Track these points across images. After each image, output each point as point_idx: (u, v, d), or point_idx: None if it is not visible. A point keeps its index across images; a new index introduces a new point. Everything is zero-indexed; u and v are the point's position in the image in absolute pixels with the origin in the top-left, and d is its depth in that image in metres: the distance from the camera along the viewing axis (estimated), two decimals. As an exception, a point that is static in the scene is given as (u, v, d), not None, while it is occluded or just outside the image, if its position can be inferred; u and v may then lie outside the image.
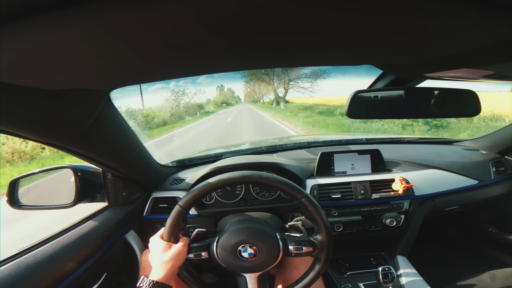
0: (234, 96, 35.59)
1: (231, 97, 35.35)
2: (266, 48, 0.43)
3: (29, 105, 0.49)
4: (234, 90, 37.21)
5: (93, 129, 0.66)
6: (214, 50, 0.41)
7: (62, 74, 0.43)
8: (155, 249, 0.71)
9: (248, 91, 29.39)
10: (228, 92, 36.30)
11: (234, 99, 34.26)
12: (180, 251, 0.71)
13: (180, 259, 0.70)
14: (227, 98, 34.89)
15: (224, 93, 35.47)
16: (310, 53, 0.49)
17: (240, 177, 0.72)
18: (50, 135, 0.60)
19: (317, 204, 0.72)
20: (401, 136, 1.65)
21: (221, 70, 0.54)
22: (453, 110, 0.86)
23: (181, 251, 0.71)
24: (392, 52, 0.51)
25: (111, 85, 0.59)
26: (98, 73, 0.46)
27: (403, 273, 1.13)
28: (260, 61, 0.53)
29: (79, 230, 0.86)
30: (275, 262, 0.72)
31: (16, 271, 0.63)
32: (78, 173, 0.96)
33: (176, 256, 0.69)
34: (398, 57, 0.56)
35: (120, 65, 0.44)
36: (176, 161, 1.39)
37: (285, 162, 1.19)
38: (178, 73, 0.55)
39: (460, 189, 1.24)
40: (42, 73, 0.41)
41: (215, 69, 0.54)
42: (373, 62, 0.60)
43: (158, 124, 13.27)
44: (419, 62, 0.58)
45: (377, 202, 1.14)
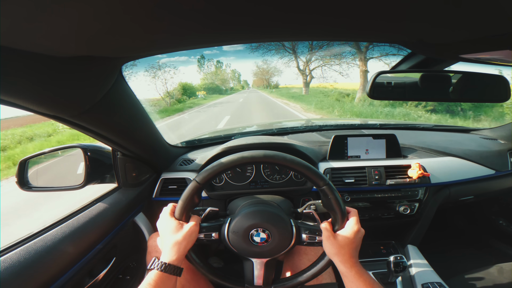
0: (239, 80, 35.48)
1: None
2: (293, 19, 0.40)
3: (35, 73, 0.46)
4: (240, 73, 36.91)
5: (103, 103, 0.64)
6: (236, 17, 0.38)
7: (71, 38, 0.40)
8: (166, 228, 0.67)
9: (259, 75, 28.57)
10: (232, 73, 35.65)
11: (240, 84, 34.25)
12: (192, 230, 0.67)
13: (192, 240, 0.67)
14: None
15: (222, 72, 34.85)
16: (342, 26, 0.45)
17: (263, 156, 0.68)
18: (58, 108, 0.57)
19: (338, 193, 0.69)
20: (416, 123, 1.60)
21: (244, 40, 0.50)
22: (480, 94, 0.84)
23: (194, 230, 0.67)
24: (430, 28, 0.47)
25: (123, 54, 0.55)
26: (108, 38, 0.43)
27: (414, 263, 1.12)
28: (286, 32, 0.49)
29: (88, 213, 0.84)
30: (285, 249, 0.69)
31: (25, 257, 0.61)
32: (88, 152, 0.94)
33: (188, 236, 0.66)
34: (435, 35, 0.52)
35: (132, 30, 0.41)
36: (186, 141, 1.37)
37: (298, 144, 1.16)
38: (192, 43, 0.52)
39: (477, 178, 1.20)
40: (48, 35, 0.38)
41: (236, 39, 0.50)
42: (408, 38, 0.56)
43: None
44: (456, 41, 0.54)
45: (391, 189, 1.12)
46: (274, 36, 0.52)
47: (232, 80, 38.52)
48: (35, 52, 0.42)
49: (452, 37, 0.52)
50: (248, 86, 36.90)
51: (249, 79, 34.06)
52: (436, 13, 0.38)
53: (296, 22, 0.42)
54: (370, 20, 0.42)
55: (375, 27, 0.47)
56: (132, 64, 0.80)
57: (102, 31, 0.39)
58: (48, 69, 0.46)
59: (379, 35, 0.54)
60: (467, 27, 0.45)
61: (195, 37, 0.48)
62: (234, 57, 44.23)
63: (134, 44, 0.49)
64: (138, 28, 0.40)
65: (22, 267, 0.59)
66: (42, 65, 0.45)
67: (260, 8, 0.35)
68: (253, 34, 0.49)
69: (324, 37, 0.56)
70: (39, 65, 0.44)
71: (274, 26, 0.44)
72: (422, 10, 0.37)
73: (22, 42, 0.38)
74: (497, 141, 1.39)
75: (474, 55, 0.65)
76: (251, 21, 0.40)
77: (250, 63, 28.94)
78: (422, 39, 0.54)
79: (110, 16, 0.34)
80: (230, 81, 36.59)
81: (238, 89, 35.09)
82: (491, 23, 0.42)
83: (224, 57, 40.56)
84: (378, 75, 0.78)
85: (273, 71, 27.45)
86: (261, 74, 29.53)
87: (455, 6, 0.35)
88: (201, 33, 0.46)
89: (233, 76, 38.00)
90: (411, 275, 1.07)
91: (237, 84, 38.55)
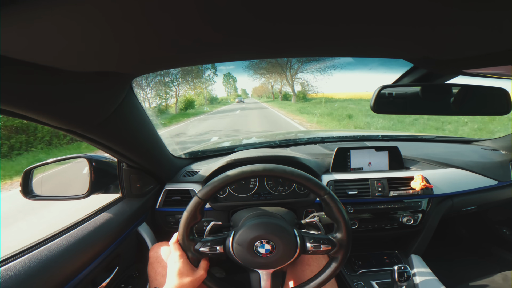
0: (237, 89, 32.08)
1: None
2: (300, 37, 0.41)
3: (51, 88, 0.46)
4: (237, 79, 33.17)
5: (114, 117, 0.65)
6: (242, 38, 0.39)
7: (88, 55, 0.41)
8: (175, 266, 0.69)
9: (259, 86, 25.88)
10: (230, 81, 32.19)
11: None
12: (201, 279, 0.70)
13: (198, 284, 0.70)
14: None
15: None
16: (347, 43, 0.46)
17: (262, 170, 0.69)
18: (71, 122, 0.58)
19: (339, 202, 0.70)
20: (418, 134, 1.61)
21: (251, 56, 0.51)
22: (482, 107, 0.84)
23: (202, 278, 0.71)
24: (435, 45, 0.48)
25: (135, 70, 0.57)
26: (123, 56, 0.44)
27: (418, 272, 1.11)
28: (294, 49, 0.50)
29: (93, 223, 0.84)
30: (291, 259, 0.70)
31: (30, 266, 0.61)
32: (93, 163, 0.95)
33: (196, 283, 0.69)
34: (439, 51, 0.53)
35: (146, 47, 0.42)
36: (189, 153, 1.38)
37: (301, 157, 1.17)
38: (202, 60, 0.53)
39: (479, 189, 1.21)
40: (64, 52, 0.39)
41: (243, 55, 0.51)
42: (412, 55, 0.57)
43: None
44: (460, 58, 0.55)
45: (394, 200, 1.12)
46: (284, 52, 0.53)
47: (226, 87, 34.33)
48: (51, 67, 0.42)
49: (456, 54, 0.53)
50: (247, 96, 34.02)
51: (248, 87, 30.07)
52: (441, 31, 0.39)
53: (303, 39, 0.43)
54: (375, 38, 0.43)
55: (379, 44, 0.48)
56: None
57: (117, 48, 0.40)
58: (63, 84, 0.47)
59: (384, 51, 0.55)
60: (470, 44, 0.46)
61: (206, 53, 0.49)
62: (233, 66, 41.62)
63: (146, 60, 0.50)
64: (151, 46, 0.41)
65: (27, 276, 0.59)
66: (57, 79, 0.45)
67: (270, 26, 0.36)
68: (264, 51, 0.50)
69: (329, 53, 0.57)
70: (55, 80, 0.45)
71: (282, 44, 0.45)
72: (427, 28, 0.38)
73: (40, 57, 0.39)
74: (499, 151, 1.40)
75: (477, 70, 0.67)
76: (267, 38, 0.41)
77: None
78: (427, 56, 0.55)
79: (125, 34, 0.35)
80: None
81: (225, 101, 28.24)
82: (494, 40, 0.43)
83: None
84: (382, 89, 0.79)
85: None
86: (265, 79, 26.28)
87: (460, 24, 0.36)
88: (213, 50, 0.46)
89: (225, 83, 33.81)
90: (415, 284, 1.07)
91: (231, 94, 34.60)
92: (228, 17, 0.32)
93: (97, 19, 0.30)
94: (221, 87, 32.79)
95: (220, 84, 32.81)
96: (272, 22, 0.34)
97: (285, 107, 16.83)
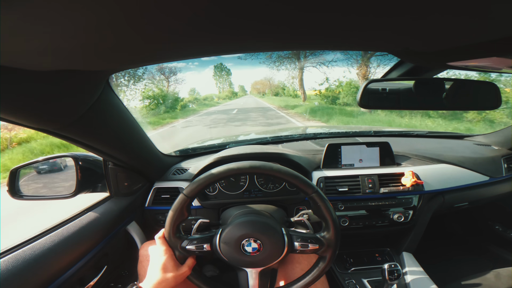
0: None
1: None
2: (279, 30, 0.40)
3: (20, 88, 0.45)
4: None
5: (90, 114, 0.63)
6: (231, 29, 0.38)
7: (54, 53, 0.39)
8: (159, 261, 0.68)
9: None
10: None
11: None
12: (184, 275, 0.70)
13: (181, 281, 0.69)
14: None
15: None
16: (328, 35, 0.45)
17: (249, 167, 0.68)
18: (44, 121, 0.56)
19: (327, 201, 0.69)
20: (410, 130, 1.60)
21: (238, 50, 0.50)
22: (472, 102, 0.84)
23: (185, 274, 0.70)
24: (414, 37, 0.47)
25: (109, 68, 0.55)
26: (93, 53, 0.42)
27: (409, 271, 1.11)
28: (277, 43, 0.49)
29: (79, 222, 0.83)
30: (278, 258, 0.69)
31: (13, 265, 0.61)
32: (79, 162, 0.93)
33: (179, 279, 0.68)
34: (420, 43, 0.52)
35: (119, 44, 0.40)
36: (179, 150, 1.36)
37: (291, 153, 1.16)
38: (184, 54, 0.51)
39: (471, 185, 1.20)
40: (29, 52, 0.37)
41: (229, 49, 0.50)
42: (394, 47, 0.56)
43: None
44: (443, 50, 0.55)
45: (385, 197, 1.11)
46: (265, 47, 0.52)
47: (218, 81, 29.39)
48: (15, 68, 0.41)
49: (437, 46, 0.52)
50: (245, 93, 32.15)
51: (246, 83, 26.59)
52: (419, 21, 0.38)
53: (287, 32, 0.42)
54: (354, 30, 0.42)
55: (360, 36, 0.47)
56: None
57: (87, 45, 0.38)
58: (30, 83, 0.46)
59: (365, 44, 0.54)
60: (451, 35, 0.45)
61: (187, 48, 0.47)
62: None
63: (121, 57, 0.48)
64: (126, 42, 0.39)
65: (10, 274, 0.59)
66: (24, 79, 0.44)
67: (247, 20, 0.35)
68: (250, 45, 0.49)
69: (313, 46, 0.56)
70: (22, 79, 0.44)
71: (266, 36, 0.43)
72: (405, 19, 0.37)
73: (3, 57, 0.38)
74: (491, 147, 1.40)
75: (462, 63, 0.66)
76: (238, 32, 0.40)
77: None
78: (408, 48, 0.54)
79: (95, 32, 0.34)
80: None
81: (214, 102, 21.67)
82: (477, 30, 0.42)
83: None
84: (369, 83, 0.78)
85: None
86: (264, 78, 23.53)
87: (439, 14, 0.36)
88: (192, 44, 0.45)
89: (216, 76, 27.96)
90: (406, 282, 1.06)
91: (224, 90, 28.93)
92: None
93: (61, 13, 0.28)
94: (208, 83, 28.82)
95: (207, 78, 29.22)
96: (262, 15, 0.33)
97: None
